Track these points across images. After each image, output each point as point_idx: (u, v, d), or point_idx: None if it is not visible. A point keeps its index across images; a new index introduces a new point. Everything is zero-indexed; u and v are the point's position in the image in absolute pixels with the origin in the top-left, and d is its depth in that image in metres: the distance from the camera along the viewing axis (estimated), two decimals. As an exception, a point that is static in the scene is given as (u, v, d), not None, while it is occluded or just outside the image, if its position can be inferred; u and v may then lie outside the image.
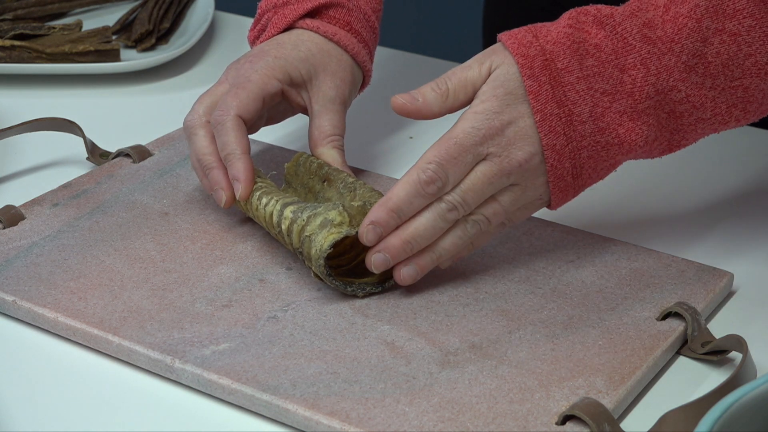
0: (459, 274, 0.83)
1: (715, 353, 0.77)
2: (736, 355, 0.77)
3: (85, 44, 1.18)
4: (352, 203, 0.81)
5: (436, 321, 0.79)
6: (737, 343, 0.75)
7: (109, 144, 1.04)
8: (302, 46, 0.93)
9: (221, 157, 0.87)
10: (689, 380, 0.76)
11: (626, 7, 0.80)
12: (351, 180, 0.85)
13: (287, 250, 0.86)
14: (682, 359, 0.78)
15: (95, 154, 1.01)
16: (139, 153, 0.99)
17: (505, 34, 0.80)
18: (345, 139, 0.92)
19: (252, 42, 0.98)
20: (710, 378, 0.76)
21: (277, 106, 0.94)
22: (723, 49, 0.78)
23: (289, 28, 0.95)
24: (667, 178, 0.99)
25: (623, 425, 0.72)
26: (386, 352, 0.76)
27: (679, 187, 0.98)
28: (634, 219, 0.94)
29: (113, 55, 1.18)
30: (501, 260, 0.85)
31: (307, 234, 0.80)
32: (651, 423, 0.71)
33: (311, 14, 0.95)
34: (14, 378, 0.77)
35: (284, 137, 1.06)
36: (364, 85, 0.98)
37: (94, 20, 1.29)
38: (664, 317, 0.79)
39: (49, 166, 1.03)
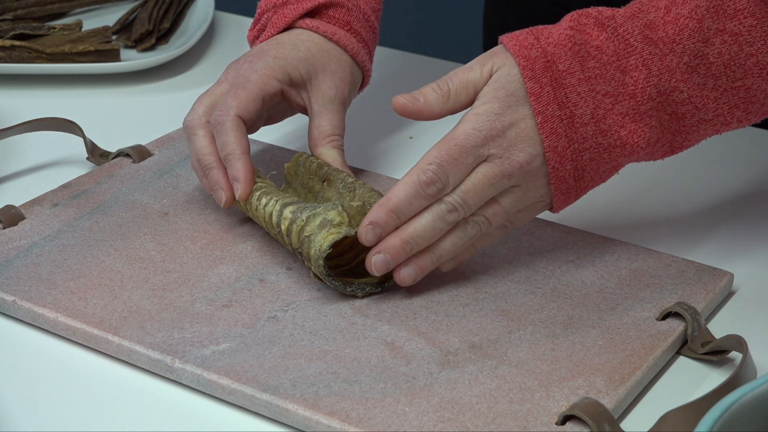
0: (459, 274, 0.83)
1: (715, 353, 0.77)
2: (736, 355, 0.77)
3: (85, 44, 1.18)
4: (352, 203, 0.81)
5: (436, 321, 0.79)
6: (737, 343, 0.75)
7: (109, 144, 1.04)
8: (302, 45, 0.93)
9: (221, 157, 0.87)
10: (689, 380, 0.76)
11: (627, 9, 0.80)
12: (351, 180, 0.85)
13: (287, 250, 0.86)
14: (682, 359, 0.78)
15: (95, 154, 1.01)
16: (139, 153, 0.99)
17: (506, 36, 0.80)
18: (345, 139, 0.92)
19: (251, 42, 0.98)
20: (710, 378, 0.76)
21: (277, 106, 0.94)
22: (725, 50, 0.78)
23: (288, 27, 0.95)
24: (667, 178, 0.99)
25: (623, 425, 0.72)
26: (386, 352, 0.76)
27: (679, 188, 0.98)
28: (635, 219, 0.94)
29: (113, 55, 1.18)
30: (501, 260, 0.85)
31: (306, 234, 0.80)
32: (651, 423, 0.71)
33: (311, 14, 0.95)
34: (14, 378, 0.77)
35: (284, 137, 1.06)
36: (364, 85, 0.98)
37: (94, 20, 1.29)
38: (664, 317, 0.79)
39: (49, 166, 1.03)
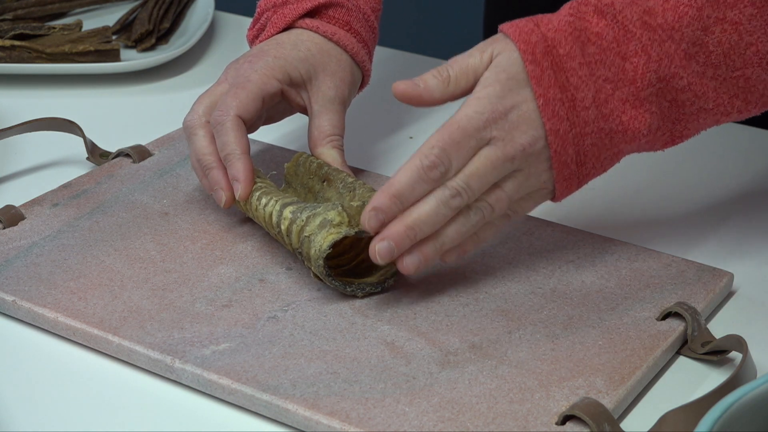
0: (459, 274, 0.83)
1: (715, 353, 0.77)
2: (736, 355, 0.77)
3: (85, 44, 1.18)
4: (352, 203, 0.81)
5: (436, 321, 0.79)
6: (737, 343, 0.75)
7: (109, 144, 1.04)
8: (302, 45, 0.93)
9: (221, 157, 0.87)
10: (689, 380, 0.76)
11: None
12: (350, 180, 0.84)
13: (287, 250, 0.86)
14: (682, 359, 0.78)
15: (95, 154, 1.01)
16: (139, 153, 0.99)
17: (506, 24, 0.81)
18: (345, 139, 0.92)
19: (251, 41, 0.98)
20: (710, 378, 0.76)
21: (277, 105, 0.94)
22: (724, 38, 0.78)
23: (288, 27, 0.95)
24: (667, 178, 0.99)
25: (623, 425, 0.72)
26: (386, 352, 0.76)
27: (680, 188, 0.98)
28: (635, 219, 0.94)
29: (113, 55, 1.18)
30: (501, 260, 0.85)
31: (306, 234, 0.80)
32: (651, 423, 0.71)
33: (311, 14, 0.95)
34: (14, 378, 0.77)
35: (284, 137, 1.06)
36: (364, 84, 0.98)
37: (94, 20, 1.29)
38: (664, 317, 0.79)
39: (49, 166, 1.03)
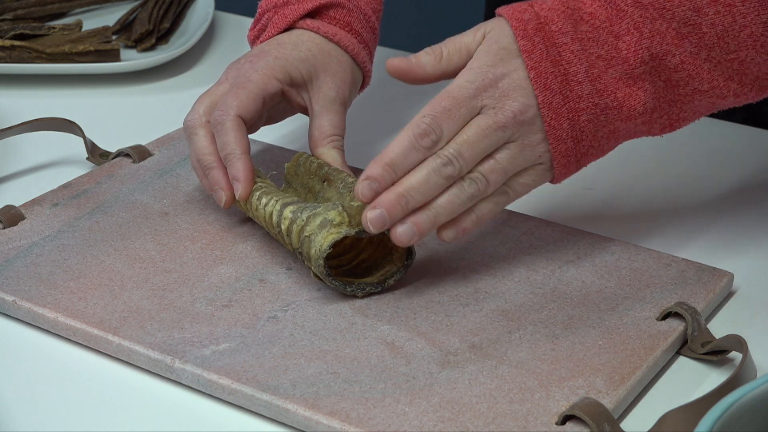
0: (459, 274, 0.83)
1: (715, 353, 0.77)
2: (736, 355, 0.77)
3: (85, 44, 1.18)
4: (352, 203, 0.81)
5: (436, 321, 0.79)
6: (737, 343, 0.75)
7: (109, 144, 1.04)
8: (302, 46, 0.93)
9: (221, 157, 0.87)
10: (689, 380, 0.76)
11: None
12: (351, 180, 0.84)
13: (287, 250, 0.86)
14: (682, 359, 0.78)
15: (95, 154, 1.01)
16: (139, 153, 0.99)
17: (502, 7, 0.82)
18: (345, 139, 0.92)
19: (252, 42, 0.98)
20: (710, 378, 0.76)
21: (277, 105, 0.94)
22: (718, 20, 0.78)
23: (289, 28, 0.95)
24: (667, 178, 0.99)
25: (623, 425, 0.72)
26: (386, 352, 0.76)
27: (679, 187, 0.98)
28: (635, 219, 0.94)
29: (113, 55, 1.18)
30: (501, 260, 0.85)
31: (306, 234, 0.80)
32: (651, 423, 0.71)
33: (311, 14, 0.95)
34: (14, 378, 0.77)
35: (284, 137, 1.06)
36: (364, 85, 0.98)
37: (94, 20, 1.29)
38: (664, 317, 0.79)
39: (49, 166, 1.03)
